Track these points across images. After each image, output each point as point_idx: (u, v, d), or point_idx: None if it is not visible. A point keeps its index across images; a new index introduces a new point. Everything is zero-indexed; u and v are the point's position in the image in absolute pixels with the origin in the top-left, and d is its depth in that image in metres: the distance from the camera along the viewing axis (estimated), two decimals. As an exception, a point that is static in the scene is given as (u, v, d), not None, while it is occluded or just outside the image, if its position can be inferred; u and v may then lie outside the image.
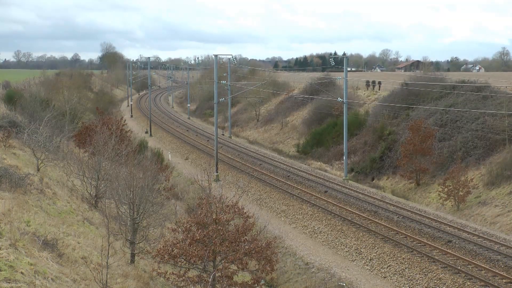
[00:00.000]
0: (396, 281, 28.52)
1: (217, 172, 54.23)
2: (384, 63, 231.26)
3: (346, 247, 33.81)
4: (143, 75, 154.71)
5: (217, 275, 20.32)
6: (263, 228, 25.29)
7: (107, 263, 17.43)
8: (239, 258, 20.37)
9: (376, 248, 32.48)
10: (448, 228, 34.89)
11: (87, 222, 26.60)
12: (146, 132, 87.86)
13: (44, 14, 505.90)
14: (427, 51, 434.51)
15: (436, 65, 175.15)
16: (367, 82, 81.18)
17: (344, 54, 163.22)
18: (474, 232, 33.70)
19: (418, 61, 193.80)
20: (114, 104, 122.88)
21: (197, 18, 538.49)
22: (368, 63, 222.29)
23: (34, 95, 59.18)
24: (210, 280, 19.74)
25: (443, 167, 49.11)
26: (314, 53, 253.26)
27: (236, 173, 55.07)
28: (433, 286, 27.00)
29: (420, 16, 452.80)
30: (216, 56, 59.28)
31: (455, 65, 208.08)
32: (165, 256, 20.26)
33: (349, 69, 70.10)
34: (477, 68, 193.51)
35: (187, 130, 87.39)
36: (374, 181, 54.49)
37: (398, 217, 37.67)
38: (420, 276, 28.26)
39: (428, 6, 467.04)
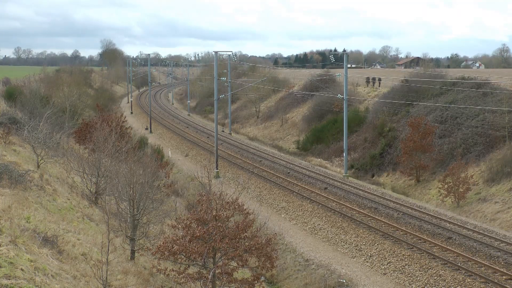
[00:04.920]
0: (396, 278, 28.54)
1: (217, 169, 54.22)
2: (384, 59, 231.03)
3: (346, 243, 33.83)
4: (143, 72, 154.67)
5: (217, 271, 20.32)
6: (263, 224, 25.28)
7: (107, 259, 17.43)
8: (239, 254, 20.36)
9: (376, 244, 32.51)
10: (448, 224, 34.91)
11: (87, 218, 26.60)
12: (146, 129, 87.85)
13: (41, 11, 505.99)
14: (427, 47, 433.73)
15: (436, 62, 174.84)
16: (367, 78, 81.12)
17: (344, 50, 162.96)
18: (474, 229, 33.72)
19: (418, 57, 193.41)
20: (114, 100, 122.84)
21: (196, 15, 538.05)
22: (368, 60, 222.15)
23: (34, 92, 59.15)
24: (210, 276, 19.74)
25: (443, 163, 49.11)
26: (314, 50, 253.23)
27: (236, 170, 55.08)
28: (433, 283, 27.01)
29: (419, 13, 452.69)
30: (216, 52, 59.18)
31: (455, 61, 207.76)
32: (165, 252, 20.25)
33: (349, 65, 70.10)
34: (477, 64, 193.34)
35: (187, 127, 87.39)
36: (374, 178, 54.51)
37: (398, 213, 37.69)
38: (420, 272, 28.28)
39: (427, 2, 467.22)
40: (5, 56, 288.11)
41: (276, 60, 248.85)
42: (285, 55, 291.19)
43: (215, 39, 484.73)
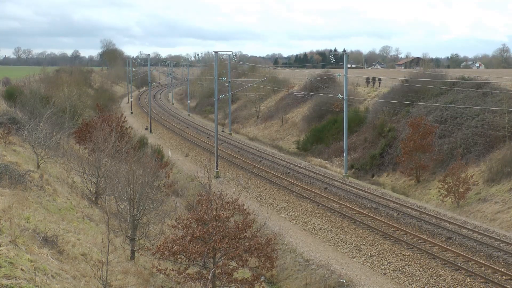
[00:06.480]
0: (396, 278, 28.54)
1: (217, 169, 54.21)
2: (384, 59, 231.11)
3: (346, 243, 33.82)
4: (143, 72, 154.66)
5: (217, 271, 20.31)
6: (263, 224, 25.31)
7: (107, 259, 17.43)
8: (239, 255, 20.35)
9: (376, 244, 32.50)
10: (448, 224, 34.90)
11: (87, 218, 26.60)
12: (146, 129, 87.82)
13: (40, 11, 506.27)
14: (427, 47, 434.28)
15: (436, 62, 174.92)
16: (367, 79, 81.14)
17: (344, 50, 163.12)
18: (474, 229, 33.71)
19: (418, 57, 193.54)
20: (114, 100, 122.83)
21: (195, 15, 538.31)
22: (368, 60, 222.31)
23: (34, 92, 59.11)
24: (210, 276, 19.73)
25: (443, 164, 49.11)
26: (314, 50, 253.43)
27: (236, 170, 55.07)
28: (433, 283, 27.01)
29: (418, 13, 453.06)
30: (216, 52, 59.16)
31: (455, 61, 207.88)
32: (165, 252, 20.24)
33: (349, 66, 70.10)
34: (477, 65, 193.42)
35: (187, 127, 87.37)
36: (374, 178, 54.50)
37: (398, 213, 37.69)
38: (420, 272, 28.28)
39: (426, 2, 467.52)
40: (5, 56, 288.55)
41: (276, 60, 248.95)
42: (285, 55, 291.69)
43: (215, 39, 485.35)
